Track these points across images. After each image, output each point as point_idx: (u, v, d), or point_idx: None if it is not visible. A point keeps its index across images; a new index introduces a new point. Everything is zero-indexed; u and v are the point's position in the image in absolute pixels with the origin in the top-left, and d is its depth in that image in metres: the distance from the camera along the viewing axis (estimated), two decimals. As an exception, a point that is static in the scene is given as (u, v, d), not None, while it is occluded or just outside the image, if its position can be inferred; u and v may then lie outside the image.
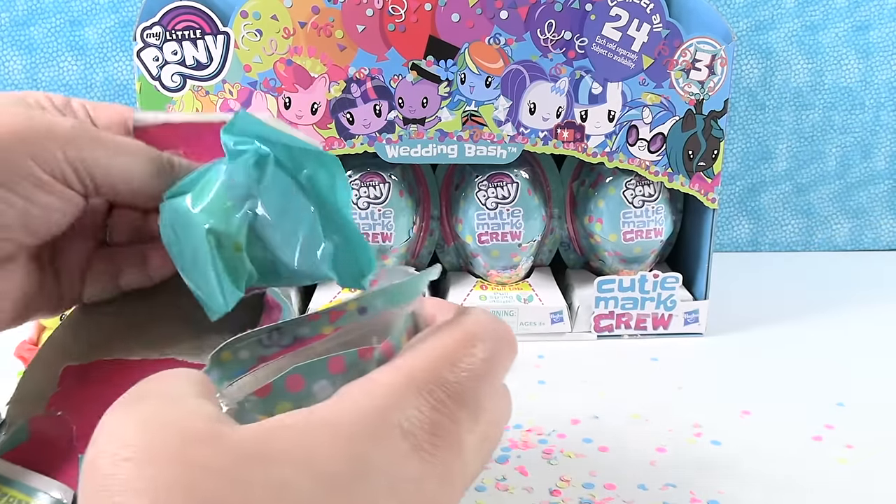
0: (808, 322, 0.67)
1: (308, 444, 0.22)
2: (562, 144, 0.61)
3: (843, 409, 0.54)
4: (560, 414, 0.53)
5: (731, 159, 0.82)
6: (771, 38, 0.79)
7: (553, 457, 0.48)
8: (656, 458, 0.48)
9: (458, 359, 0.25)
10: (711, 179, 0.62)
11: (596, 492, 0.45)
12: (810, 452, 0.49)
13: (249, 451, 0.22)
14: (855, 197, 0.84)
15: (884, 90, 0.81)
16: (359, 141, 0.60)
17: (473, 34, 0.58)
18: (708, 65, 0.60)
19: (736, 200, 0.83)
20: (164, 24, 0.57)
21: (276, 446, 0.22)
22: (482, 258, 0.65)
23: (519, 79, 0.59)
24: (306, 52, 0.58)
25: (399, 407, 0.23)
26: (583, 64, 0.59)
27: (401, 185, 0.63)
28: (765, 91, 0.80)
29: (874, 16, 0.78)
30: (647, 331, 0.64)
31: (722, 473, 0.47)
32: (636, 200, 0.63)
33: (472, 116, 0.60)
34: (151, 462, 0.21)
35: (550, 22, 0.58)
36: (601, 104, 0.60)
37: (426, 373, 0.24)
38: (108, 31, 0.74)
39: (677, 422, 0.52)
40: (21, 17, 0.73)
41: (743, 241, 0.85)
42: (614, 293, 0.63)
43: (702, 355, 0.62)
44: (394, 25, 0.58)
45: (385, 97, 0.59)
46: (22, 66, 0.74)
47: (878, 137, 0.82)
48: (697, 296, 0.65)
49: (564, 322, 0.63)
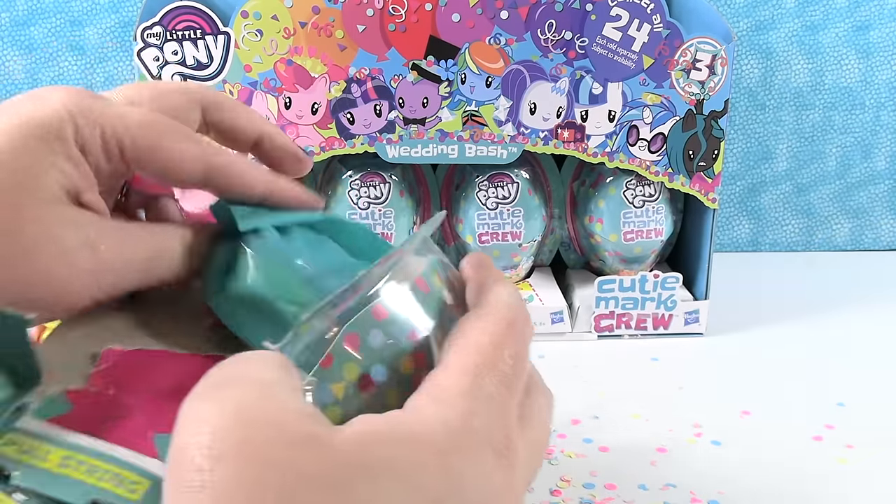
0: (808, 322, 0.67)
1: (406, 457, 0.21)
2: (562, 144, 0.61)
3: (843, 409, 0.54)
4: (560, 414, 0.52)
5: (731, 159, 0.82)
6: (771, 38, 0.79)
7: (553, 457, 0.48)
8: (657, 458, 0.48)
9: (504, 349, 0.25)
10: (712, 179, 0.62)
11: (596, 492, 0.45)
12: (810, 452, 0.49)
13: (350, 461, 0.21)
14: (855, 197, 0.84)
15: (884, 90, 0.81)
16: (359, 141, 0.60)
17: (474, 34, 0.58)
18: (708, 65, 0.60)
19: (736, 200, 0.83)
20: (164, 24, 0.57)
21: (377, 456, 0.21)
22: (482, 258, 0.65)
23: (519, 79, 0.59)
24: (307, 52, 0.58)
25: (475, 413, 0.23)
26: (583, 64, 0.59)
27: (401, 186, 0.63)
28: (765, 91, 0.80)
29: (874, 16, 0.78)
30: (648, 331, 0.64)
31: (722, 473, 0.47)
32: (636, 200, 0.63)
33: (473, 116, 0.60)
34: (249, 463, 0.20)
35: (551, 22, 0.58)
36: (601, 104, 0.60)
37: (485, 368, 0.24)
38: (108, 32, 0.74)
39: (678, 422, 0.52)
40: (21, 17, 0.73)
41: (743, 241, 0.85)
42: (615, 293, 0.63)
43: (702, 355, 0.62)
44: (394, 25, 0.58)
45: (385, 97, 0.59)
46: (22, 66, 0.74)
47: (878, 137, 0.82)
48: (698, 296, 0.65)
49: (565, 322, 0.63)
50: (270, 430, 0.21)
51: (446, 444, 0.22)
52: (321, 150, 0.60)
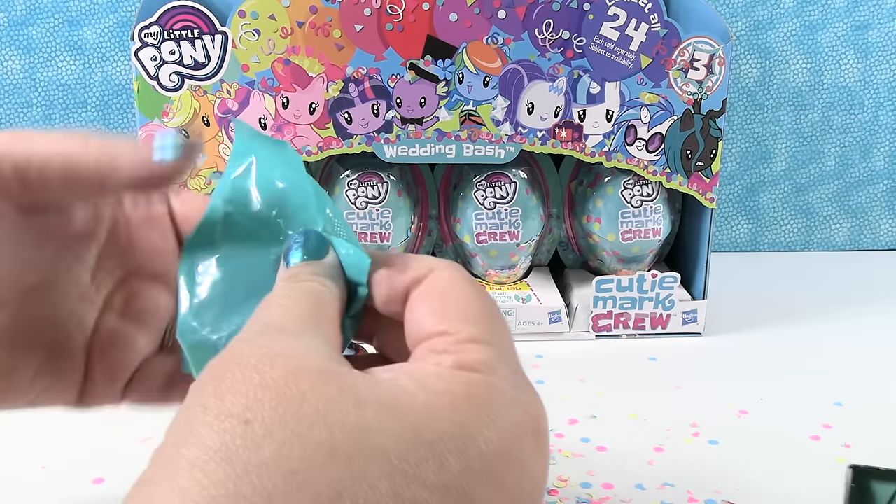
0: (806, 322, 0.67)
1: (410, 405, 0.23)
2: (560, 144, 0.61)
3: (841, 409, 0.54)
4: (558, 413, 0.53)
5: (729, 159, 0.82)
6: (770, 38, 0.79)
7: (551, 456, 0.48)
8: (654, 458, 0.48)
9: None
10: (710, 179, 0.62)
11: (594, 491, 0.45)
12: (808, 452, 0.49)
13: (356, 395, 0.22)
14: (854, 197, 0.84)
15: (883, 90, 0.81)
16: (357, 141, 0.60)
17: (471, 34, 0.58)
18: (706, 64, 0.60)
19: (734, 200, 0.83)
20: (161, 23, 0.57)
21: None
22: (480, 258, 0.65)
23: (517, 78, 0.59)
24: (304, 52, 0.58)
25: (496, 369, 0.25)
26: (581, 63, 0.59)
27: (399, 185, 0.63)
28: (763, 91, 0.80)
29: (873, 15, 0.78)
30: (646, 330, 0.64)
31: (720, 473, 0.46)
32: (634, 200, 0.63)
33: (470, 116, 0.60)
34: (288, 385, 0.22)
35: (548, 21, 0.58)
36: (599, 104, 0.60)
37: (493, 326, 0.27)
38: (106, 31, 0.74)
39: (675, 421, 0.52)
40: (19, 16, 0.73)
41: (742, 241, 0.85)
42: (612, 293, 0.63)
43: (700, 355, 0.62)
44: (392, 25, 0.58)
45: (383, 97, 0.59)
46: (20, 65, 0.74)
47: (877, 137, 0.82)
48: (696, 295, 0.65)
49: (563, 322, 0.63)
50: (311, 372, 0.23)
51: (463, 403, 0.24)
52: (319, 149, 0.60)
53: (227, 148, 0.59)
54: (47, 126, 0.76)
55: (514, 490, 0.23)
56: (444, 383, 0.24)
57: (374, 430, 0.22)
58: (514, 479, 0.23)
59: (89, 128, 0.76)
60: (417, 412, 0.22)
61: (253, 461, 0.21)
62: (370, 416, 0.22)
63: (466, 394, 0.23)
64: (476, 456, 0.22)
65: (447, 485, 0.22)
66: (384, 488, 0.21)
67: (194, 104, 0.58)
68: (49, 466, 0.46)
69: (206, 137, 0.59)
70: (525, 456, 0.24)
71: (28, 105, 0.75)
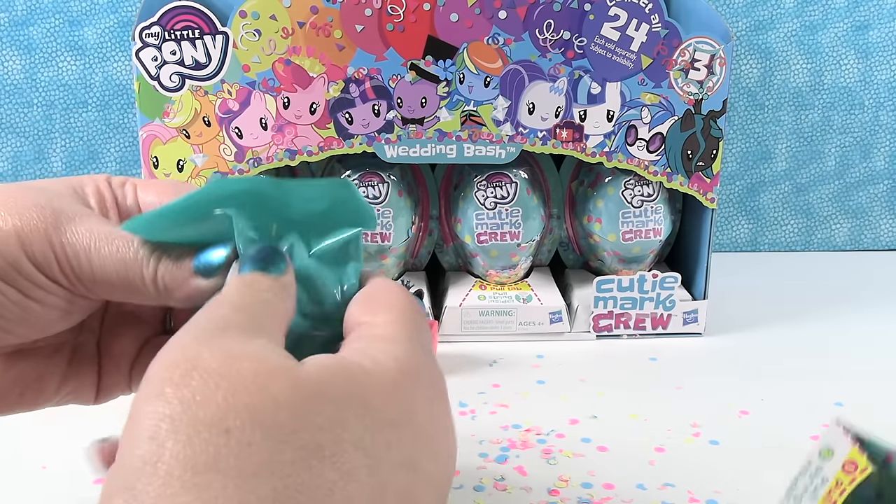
0: (806, 322, 0.67)
1: (365, 384, 0.24)
2: (561, 144, 0.61)
3: (841, 409, 0.54)
4: (559, 414, 0.53)
5: (730, 159, 0.82)
6: (770, 38, 0.79)
7: (552, 456, 0.48)
8: (655, 458, 0.48)
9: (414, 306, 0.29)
10: (710, 179, 0.62)
11: (594, 491, 0.45)
12: (809, 452, 0.49)
13: (317, 390, 0.23)
14: (854, 197, 0.84)
15: (883, 90, 0.81)
16: (357, 141, 0.60)
17: (472, 34, 0.58)
18: (707, 64, 0.60)
19: (735, 200, 0.83)
20: (162, 23, 0.57)
21: (340, 385, 0.24)
22: (481, 258, 0.65)
23: (518, 79, 0.59)
24: (305, 52, 0.58)
25: (415, 351, 0.26)
26: (581, 64, 0.59)
27: (400, 185, 0.63)
28: (764, 91, 0.80)
29: (873, 15, 0.79)
30: (646, 331, 0.64)
31: (720, 473, 0.47)
32: (635, 200, 0.63)
33: (471, 116, 0.60)
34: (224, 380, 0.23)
35: (549, 22, 0.58)
36: (600, 104, 0.60)
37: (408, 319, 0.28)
38: (107, 31, 0.74)
39: (676, 421, 0.52)
40: (20, 16, 0.73)
41: (742, 241, 0.85)
42: (613, 293, 0.63)
43: (700, 355, 0.62)
44: (392, 25, 0.58)
45: (384, 97, 0.59)
46: (21, 66, 0.74)
47: (877, 137, 0.82)
48: (696, 296, 0.65)
49: (563, 322, 0.63)
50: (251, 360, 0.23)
51: (398, 375, 0.25)
52: (319, 150, 0.60)
53: (227, 148, 0.59)
54: (47, 126, 0.76)
55: (443, 454, 0.26)
56: (379, 365, 0.26)
57: (350, 424, 0.23)
58: (443, 441, 0.26)
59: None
60: (375, 398, 0.24)
61: (247, 470, 0.21)
62: (344, 411, 0.23)
63: (398, 368, 0.26)
64: (419, 426, 0.25)
65: (404, 462, 0.24)
66: (364, 477, 0.23)
67: (195, 104, 0.58)
68: (50, 466, 0.46)
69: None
70: (445, 420, 0.27)
71: (29, 105, 0.75)
